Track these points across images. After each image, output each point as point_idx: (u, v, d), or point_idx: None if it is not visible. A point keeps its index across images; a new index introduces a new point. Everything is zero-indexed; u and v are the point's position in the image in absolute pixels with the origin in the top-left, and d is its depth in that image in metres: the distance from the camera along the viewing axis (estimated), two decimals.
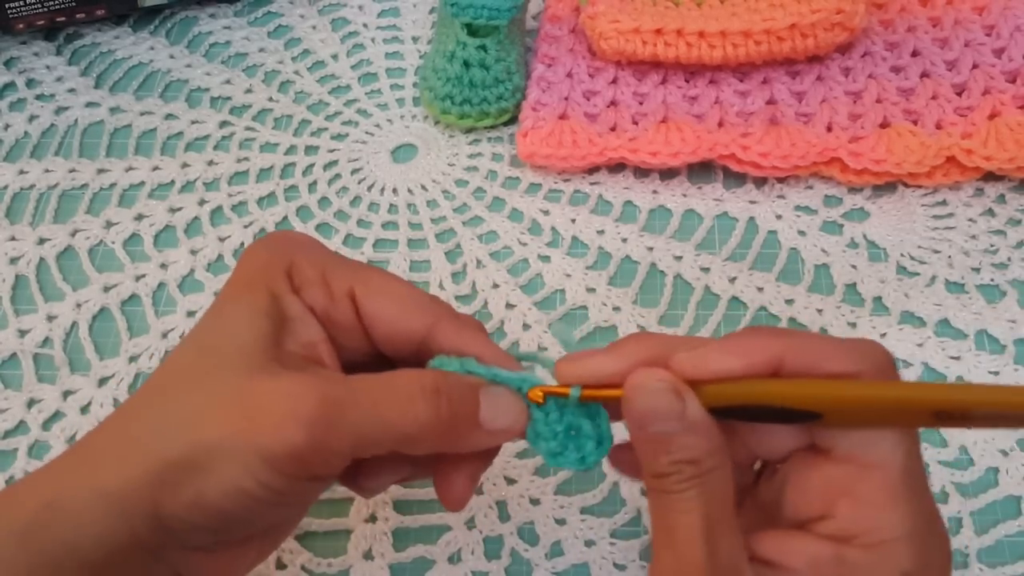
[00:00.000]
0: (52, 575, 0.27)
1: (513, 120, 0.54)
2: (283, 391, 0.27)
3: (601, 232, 0.50)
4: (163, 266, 0.50)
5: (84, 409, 0.45)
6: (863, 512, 0.26)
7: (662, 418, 0.27)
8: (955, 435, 0.42)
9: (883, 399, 0.26)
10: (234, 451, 0.26)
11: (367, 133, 0.55)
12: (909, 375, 0.44)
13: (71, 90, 0.57)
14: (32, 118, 0.56)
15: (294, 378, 0.28)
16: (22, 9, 0.56)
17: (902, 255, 0.48)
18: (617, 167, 0.52)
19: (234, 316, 0.29)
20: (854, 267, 0.48)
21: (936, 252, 0.48)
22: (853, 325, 0.46)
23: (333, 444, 0.27)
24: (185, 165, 0.54)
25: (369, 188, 0.53)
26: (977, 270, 0.47)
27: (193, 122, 0.56)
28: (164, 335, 0.47)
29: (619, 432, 0.30)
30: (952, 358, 0.44)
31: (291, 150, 0.55)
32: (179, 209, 0.52)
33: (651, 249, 0.49)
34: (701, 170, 0.52)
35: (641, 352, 0.29)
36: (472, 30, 0.53)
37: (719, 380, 0.27)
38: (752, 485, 0.31)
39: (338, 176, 0.53)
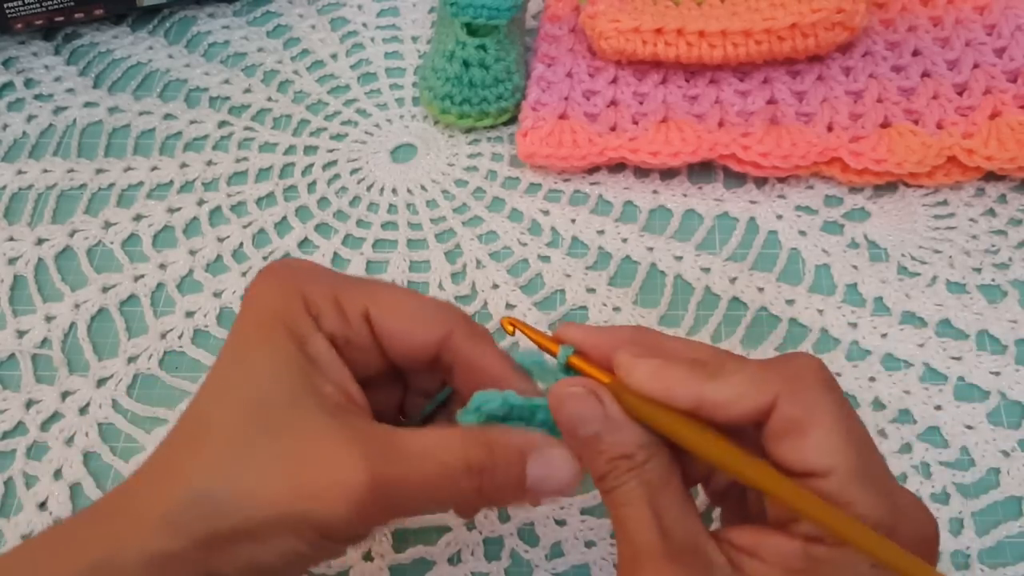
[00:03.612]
0: None
1: (513, 120, 0.54)
2: (330, 460, 0.28)
3: (601, 232, 0.50)
4: (162, 266, 0.49)
5: (83, 410, 0.45)
6: None
7: (585, 420, 0.29)
8: (956, 436, 0.42)
9: (752, 480, 0.27)
10: (288, 524, 0.28)
11: (366, 133, 0.55)
12: (911, 375, 0.44)
13: (69, 90, 0.57)
14: (30, 118, 0.56)
15: (339, 442, 0.28)
16: (20, 9, 0.56)
17: (903, 255, 0.48)
18: (617, 167, 0.52)
19: (262, 366, 0.29)
20: (855, 267, 0.48)
21: (937, 252, 0.48)
22: (854, 325, 0.46)
23: (378, 518, 0.30)
24: (184, 165, 0.54)
25: (368, 188, 0.53)
26: (978, 270, 0.47)
27: (192, 122, 0.55)
28: (163, 336, 0.47)
29: None
30: (953, 358, 0.44)
31: (290, 150, 0.54)
32: (178, 209, 0.52)
33: (651, 249, 0.49)
34: (701, 170, 0.52)
35: (627, 334, 0.31)
36: (472, 30, 0.53)
37: (639, 394, 0.29)
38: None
39: (337, 176, 0.53)
